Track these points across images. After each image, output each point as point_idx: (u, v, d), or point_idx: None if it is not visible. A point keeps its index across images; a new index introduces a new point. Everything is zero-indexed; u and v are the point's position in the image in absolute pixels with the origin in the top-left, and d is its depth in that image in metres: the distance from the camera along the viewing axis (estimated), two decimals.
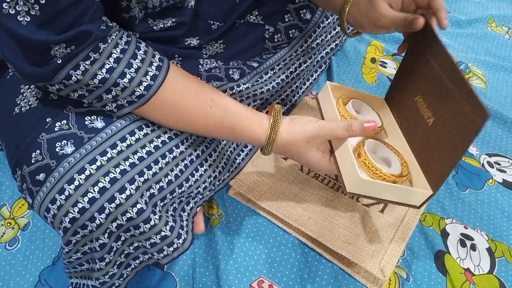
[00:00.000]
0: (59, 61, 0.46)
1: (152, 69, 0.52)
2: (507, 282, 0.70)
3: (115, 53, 0.50)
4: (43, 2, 0.42)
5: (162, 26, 0.63)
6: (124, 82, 0.50)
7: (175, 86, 0.54)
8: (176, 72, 0.55)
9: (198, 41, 0.71)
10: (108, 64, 0.49)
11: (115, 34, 0.50)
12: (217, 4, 0.71)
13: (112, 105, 0.53)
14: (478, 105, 0.48)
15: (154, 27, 0.63)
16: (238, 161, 0.78)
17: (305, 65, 0.85)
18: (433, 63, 0.58)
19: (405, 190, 0.57)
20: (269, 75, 0.77)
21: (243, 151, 0.79)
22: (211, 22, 0.71)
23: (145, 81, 0.52)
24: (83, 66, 0.48)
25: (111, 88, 0.50)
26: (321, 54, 0.93)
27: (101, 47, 0.48)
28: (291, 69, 0.81)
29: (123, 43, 0.51)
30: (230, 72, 0.72)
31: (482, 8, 1.27)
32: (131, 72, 0.51)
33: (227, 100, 0.59)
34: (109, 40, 0.49)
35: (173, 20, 0.64)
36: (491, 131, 0.94)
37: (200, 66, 0.70)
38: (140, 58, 0.52)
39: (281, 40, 0.79)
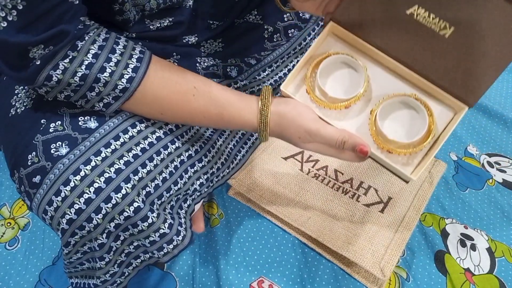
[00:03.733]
0: (38, 62, 0.46)
1: (132, 61, 0.52)
2: (507, 282, 0.70)
3: (93, 49, 0.49)
4: (21, 8, 0.42)
5: (159, 25, 0.63)
6: (104, 76, 0.50)
7: (153, 77, 0.53)
8: (154, 63, 0.54)
9: (197, 39, 0.71)
10: (87, 60, 0.49)
11: (93, 32, 0.50)
12: (216, 3, 0.71)
13: (99, 105, 0.53)
14: None
15: (151, 27, 0.63)
16: (239, 157, 0.77)
17: None
18: None
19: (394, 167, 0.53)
20: (266, 72, 0.76)
21: (243, 148, 0.79)
22: (211, 22, 0.71)
23: (127, 74, 0.51)
24: (62, 65, 0.48)
25: (94, 85, 0.50)
26: None
27: (79, 45, 0.48)
28: (289, 67, 0.81)
29: (101, 40, 0.51)
30: (228, 70, 0.72)
31: None
32: (110, 66, 0.50)
33: (212, 87, 0.57)
34: (87, 38, 0.49)
35: (170, 19, 0.64)
36: (491, 131, 0.94)
37: (197, 64, 0.70)
38: (119, 52, 0.52)
39: (280, 40, 0.79)
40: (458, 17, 0.49)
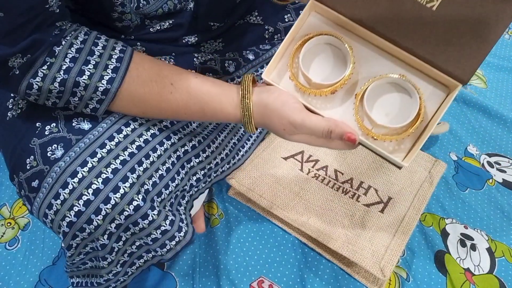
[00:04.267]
0: (17, 72, 0.46)
1: (112, 62, 0.51)
2: (507, 282, 0.70)
3: (70, 53, 0.49)
4: None
5: (159, 28, 0.63)
6: (83, 79, 0.49)
7: (129, 77, 0.52)
8: (133, 62, 0.53)
9: (196, 39, 0.71)
10: (65, 64, 0.48)
11: (70, 35, 0.49)
12: (217, 5, 0.71)
13: (87, 110, 0.52)
14: None
15: (151, 29, 0.63)
16: (241, 153, 0.77)
17: None
18: None
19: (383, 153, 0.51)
20: (265, 68, 0.76)
21: (246, 144, 0.79)
22: (211, 24, 0.71)
23: (107, 75, 0.50)
24: (41, 72, 0.47)
25: (75, 90, 0.49)
26: None
27: (56, 51, 0.48)
28: None
29: (79, 43, 0.50)
30: (226, 65, 0.72)
31: None
32: (89, 68, 0.50)
33: (190, 82, 0.54)
34: (63, 42, 0.49)
35: (170, 21, 0.64)
36: (491, 131, 0.94)
37: (195, 59, 0.70)
38: (98, 54, 0.51)
39: (281, 40, 0.79)
40: None
